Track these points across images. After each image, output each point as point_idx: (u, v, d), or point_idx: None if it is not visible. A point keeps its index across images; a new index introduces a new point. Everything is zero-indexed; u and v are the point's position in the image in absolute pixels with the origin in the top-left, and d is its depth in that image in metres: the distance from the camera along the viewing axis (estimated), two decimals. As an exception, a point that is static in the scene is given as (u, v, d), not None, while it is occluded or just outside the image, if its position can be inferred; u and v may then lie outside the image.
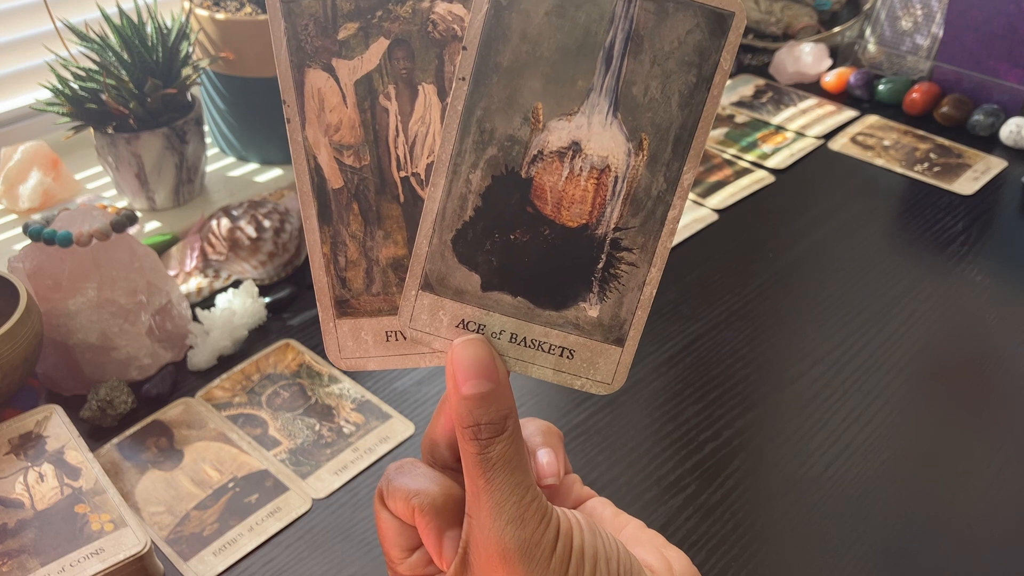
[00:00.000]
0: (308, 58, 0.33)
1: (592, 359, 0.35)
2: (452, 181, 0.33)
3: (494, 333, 0.35)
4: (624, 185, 0.33)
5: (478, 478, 0.33)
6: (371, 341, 0.35)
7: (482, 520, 0.33)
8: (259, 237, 0.78)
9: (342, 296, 0.35)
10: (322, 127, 0.33)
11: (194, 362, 0.71)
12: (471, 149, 0.33)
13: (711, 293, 0.79)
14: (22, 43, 0.92)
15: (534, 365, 0.35)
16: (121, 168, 0.83)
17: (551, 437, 0.40)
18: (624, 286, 0.34)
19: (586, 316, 0.34)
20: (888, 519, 0.60)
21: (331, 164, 0.34)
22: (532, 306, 0.34)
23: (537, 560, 0.33)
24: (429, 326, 0.34)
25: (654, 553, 0.37)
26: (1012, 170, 0.96)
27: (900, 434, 0.66)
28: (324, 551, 0.58)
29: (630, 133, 0.32)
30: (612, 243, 0.34)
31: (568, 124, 0.32)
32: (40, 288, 0.67)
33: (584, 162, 0.33)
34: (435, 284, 0.34)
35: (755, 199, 0.92)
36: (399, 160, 0.34)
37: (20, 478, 0.58)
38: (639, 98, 0.32)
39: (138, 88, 0.79)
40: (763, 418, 0.67)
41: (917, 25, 1.07)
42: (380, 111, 0.33)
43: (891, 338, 0.74)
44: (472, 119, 0.32)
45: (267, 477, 0.63)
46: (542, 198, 0.33)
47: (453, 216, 0.33)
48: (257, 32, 0.85)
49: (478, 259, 0.34)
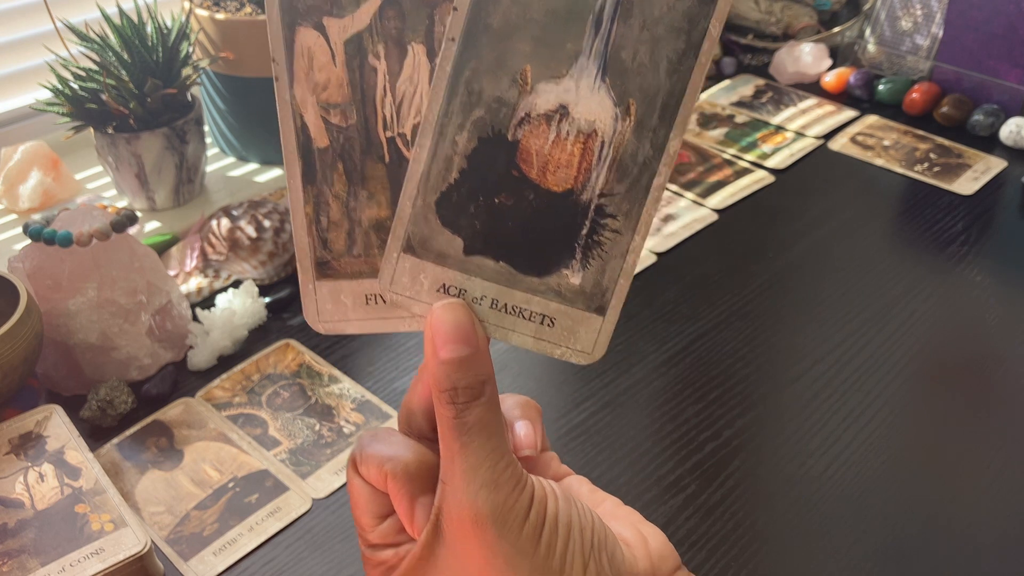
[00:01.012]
0: (299, 16, 0.33)
1: (573, 327, 0.35)
2: (438, 142, 0.32)
3: (475, 298, 0.34)
4: (610, 150, 0.33)
5: (453, 442, 0.33)
6: (350, 304, 0.35)
7: (455, 484, 0.33)
8: (259, 237, 0.78)
9: (323, 257, 0.34)
10: (310, 86, 0.33)
11: (194, 362, 0.71)
12: (458, 110, 0.32)
13: (711, 293, 0.79)
14: (22, 43, 0.92)
15: (514, 332, 0.35)
16: (121, 168, 0.83)
17: (529, 410, 0.39)
18: (607, 253, 0.34)
19: (568, 283, 0.34)
20: (888, 519, 0.60)
21: (317, 123, 0.33)
22: (514, 272, 0.34)
23: (509, 525, 0.32)
24: (410, 290, 0.34)
25: (630, 528, 0.37)
26: (1012, 170, 0.96)
27: (900, 434, 0.66)
28: (324, 551, 0.58)
29: (618, 98, 0.32)
30: (597, 209, 0.33)
31: (556, 87, 0.32)
32: (40, 288, 0.67)
33: (571, 126, 0.32)
34: (417, 247, 0.33)
35: (755, 199, 0.92)
36: (386, 120, 0.33)
37: (20, 478, 0.58)
38: (627, 63, 0.32)
39: (138, 88, 0.79)
40: (763, 418, 0.67)
41: (917, 25, 1.07)
42: (368, 70, 0.33)
43: (891, 338, 0.74)
44: (460, 80, 0.32)
45: (267, 477, 0.63)
46: (528, 161, 0.33)
47: (438, 178, 0.33)
48: (257, 32, 0.85)
49: (461, 222, 0.33)
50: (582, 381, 0.70)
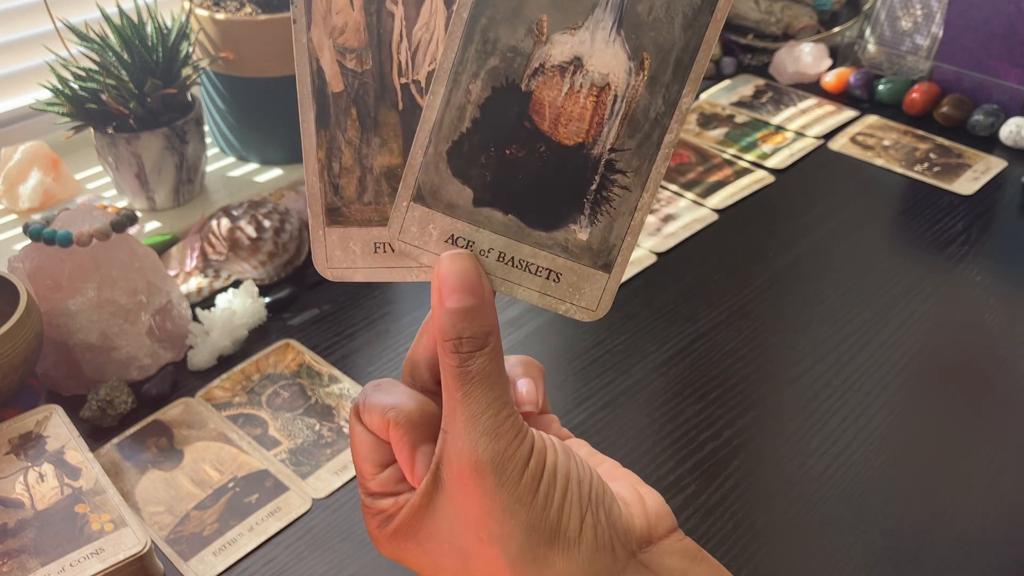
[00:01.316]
0: None
1: (578, 284, 0.35)
2: (452, 90, 0.32)
3: (483, 251, 0.34)
4: (623, 105, 0.33)
5: (456, 391, 0.33)
6: (359, 252, 0.35)
7: (456, 432, 0.33)
8: (259, 237, 0.78)
9: (334, 204, 0.34)
10: (327, 29, 0.33)
11: (194, 362, 0.71)
12: (473, 59, 0.32)
13: (711, 293, 0.79)
14: (22, 43, 0.92)
15: (520, 286, 0.35)
16: (121, 168, 0.83)
17: (532, 369, 0.40)
18: (615, 210, 0.34)
19: (575, 239, 0.34)
20: (888, 519, 0.60)
21: (333, 67, 0.33)
22: (522, 225, 0.34)
23: (508, 474, 0.32)
24: (418, 239, 0.34)
25: (628, 488, 0.37)
26: (1012, 170, 0.96)
27: (900, 434, 0.66)
28: (324, 551, 0.58)
29: (632, 52, 0.32)
30: (607, 164, 0.33)
31: (571, 38, 0.32)
32: (40, 288, 0.67)
33: (585, 78, 0.32)
34: (427, 196, 0.33)
35: (755, 199, 0.92)
36: (401, 66, 0.33)
37: (20, 478, 0.58)
38: (643, 16, 0.32)
39: (138, 88, 0.79)
40: (763, 418, 0.67)
41: (917, 25, 1.07)
42: (386, 15, 0.33)
43: (891, 338, 0.74)
44: (476, 28, 0.32)
45: (267, 477, 0.63)
46: (540, 113, 0.33)
47: (450, 127, 0.33)
48: (257, 32, 0.85)
49: (472, 173, 0.33)
50: (582, 381, 0.70)
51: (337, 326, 0.76)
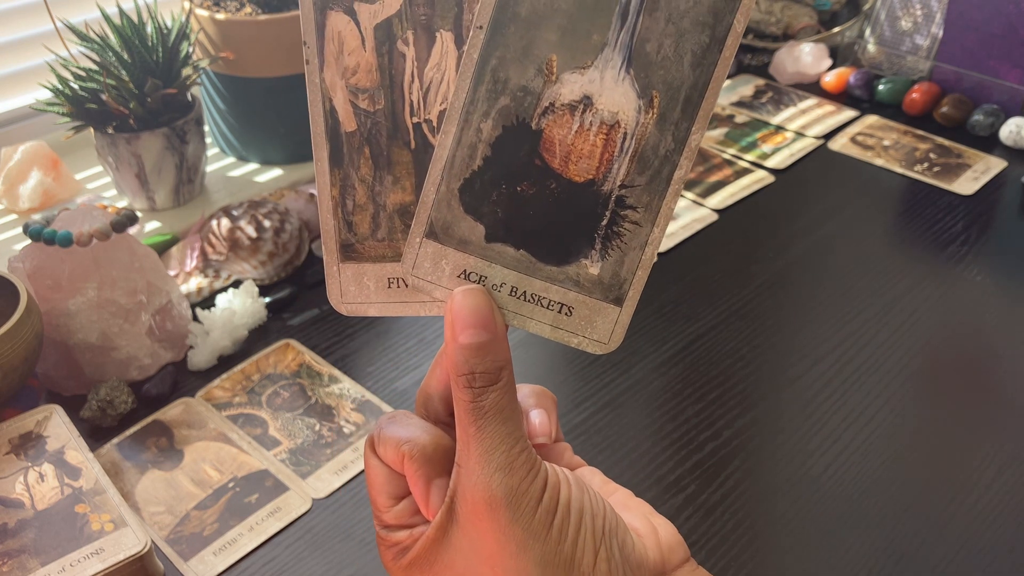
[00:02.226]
0: (331, 1, 0.33)
1: (590, 317, 0.35)
2: (463, 129, 0.33)
3: (495, 285, 0.35)
4: (633, 142, 0.33)
5: (469, 426, 0.33)
6: (373, 287, 0.36)
7: (471, 467, 0.33)
8: (259, 237, 0.78)
9: (347, 240, 0.35)
10: (339, 70, 0.34)
11: (194, 362, 0.71)
12: (484, 98, 0.33)
13: (711, 293, 0.79)
14: (22, 43, 0.92)
15: (532, 320, 0.35)
16: (121, 168, 0.83)
17: (544, 399, 0.40)
18: (626, 244, 0.34)
19: (587, 273, 0.35)
20: (888, 519, 0.60)
21: (346, 107, 0.34)
22: (534, 260, 0.34)
23: (523, 509, 0.33)
24: (431, 274, 0.35)
25: (641, 519, 0.37)
26: (1012, 170, 0.96)
27: (900, 434, 0.66)
28: (324, 551, 0.58)
29: (641, 90, 0.33)
30: (617, 200, 0.34)
31: (581, 78, 0.32)
32: (40, 288, 0.67)
33: (594, 117, 0.33)
34: (440, 232, 0.34)
35: (755, 199, 0.92)
36: (413, 106, 0.34)
37: (20, 478, 0.58)
38: (652, 55, 0.32)
39: (138, 88, 0.79)
40: (763, 418, 0.67)
41: (917, 25, 1.07)
42: (397, 56, 0.34)
43: (891, 338, 0.74)
44: (487, 68, 0.32)
45: (267, 477, 0.63)
46: (551, 151, 0.33)
47: (462, 165, 0.33)
48: (257, 32, 0.85)
49: (483, 209, 0.34)
50: (582, 381, 0.70)
51: (337, 326, 0.76)
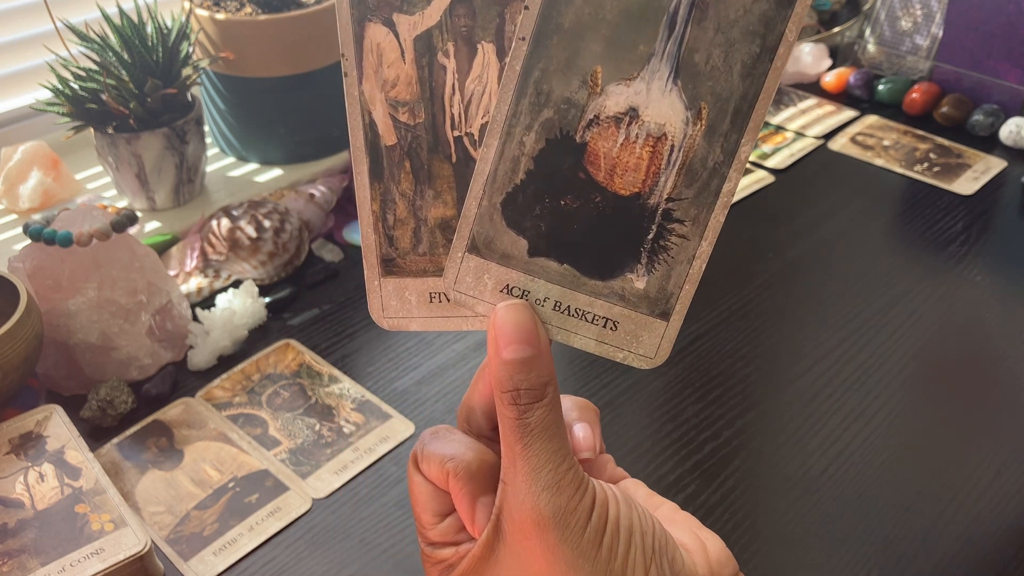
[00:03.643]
0: (369, 12, 0.32)
1: (636, 332, 0.34)
2: (505, 143, 0.32)
3: (538, 300, 0.34)
4: (680, 154, 0.32)
5: (515, 443, 0.33)
6: (415, 301, 0.35)
7: (517, 486, 0.33)
8: (259, 237, 0.78)
9: (388, 255, 0.35)
10: (379, 82, 0.33)
11: (194, 362, 0.71)
12: (526, 111, 0.32)
13: (711, 293, 0.79)
14: (22, 43, 0.92)
15: (577, 335, 0.35)
16: (121, 168, 0.83)
17: (588, 412, 0.39)
18: (673, 259, 0.34)
19: (632, 287, 0.34)
20: (888, 519, 0.60)
21: (386, 120, 0.33)
22: (578, 274, 0.34)
23: (572, 528, 0.32)
24: (473, 289, 0.34)
25: (688, 533, 0.37)
26: (1012, 170, 0.96)
27: (900, 434, 0.66)
28: (324, 551, 0.58)
29: (689, 101, 0.32)
30: (664, 214, 0.33)
31: (626, 89, 0.32)
32: (40, 288, 0.67)
33: (640, 129, 0.32)
34: (482, 247, 0.34)
35: (755, 199, 0.92)
36: (453, 119, 0.33)
37: (20, 478, 0.58)
38: (700, 66, 0.31)
39: (138, 88, 0.79)
40: (763, 418, 0.67)
41: (917, 25, 1.07)
42: (438, 68, 0.33)
43: (891, 338, 0.74)
44: (529, 80, 0.32)
45: (267, 477, 0.63)
46: (595, 164, 0.33)
47: (504, 178, 0.33)
48: (257, 32, 0.85)
49: (526, 224, 0.33)
50: (581, 381, 0.70)
51: (337, 326, 0.76)
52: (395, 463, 0.64)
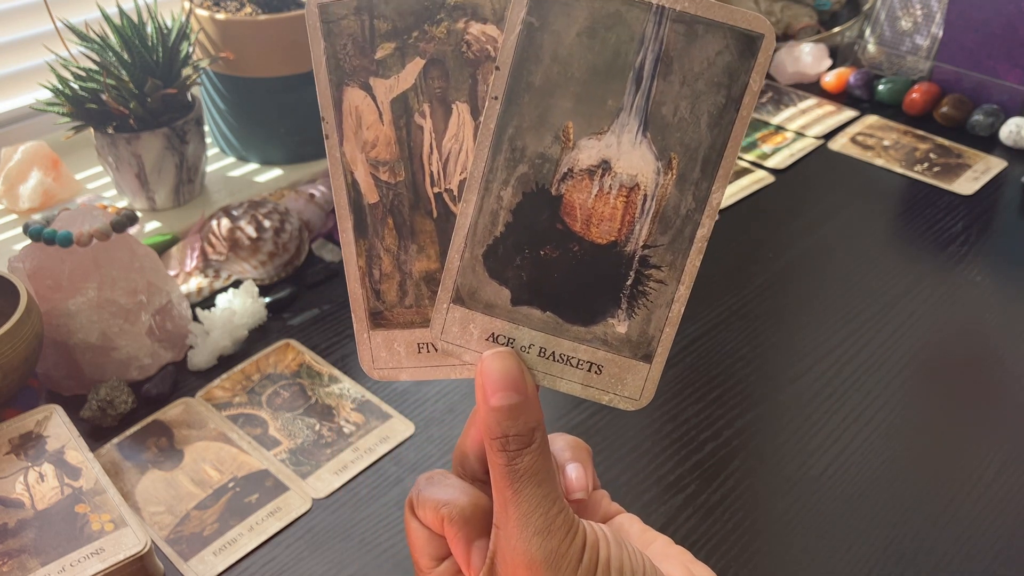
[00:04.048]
0: (346, 76, 0.34)
1: (620, 375, 0.35)
2: (484, 197, 0.33)
3: (523, 347, 0.35)
4: (653, 203, 0.33)
5: (506, 489, 0.33)
6: (403, 352, 0.36)
7: (509, 531, 0.33)
8: (259, 237, 0.78)
9: (376, 308, 0.36)
10: (359, 143, 0.34)
11: (194, 362, 0.71)
12: (503, 166, 0.33)
13: (711, 293, 0.79)
14: (22, 43, 0.92)
15: (562, 379, 0.35)
16: (121, 168, 0.83)
17: (580, 452, 0.40)
18: (652, 303, 0.35)
19: (614, 332, 0.35)
20: (888, 519, 0.60)
21: (367, 179, 0.34)
22: (561, 321, 0.35)
23: (563, 571, 0.33)
24: (460, 339, 0.35)
25: (680, 568, 0.38)
26: (1012, 170, 0.96)
27: (900, 434, 0.66)
28: (324, 551, 0.58)
29: (659, 152, 0.33)
30: (641, 260, 0.34)
31: (598, 143, 0.33)
32: (40, 288, 0.67)
33: (614, 180, 0.33)
34: (466, 298, 0.34)
35: (755, 199, 0.92)
36: (433, 176, 0.34)
37: (20, 478, 0.58)
38: (668, 118, 0.32)
39: (138, 88, 0.79)
40: (763, 418, 0.67)
41: (917, 25, 1.07)
42: (415, 128, 0.34)
43: (891, 338, 0.74)
44: (504, 137, 0.33)
45: (267, 477, 0.63)
46: (572, 215, 0.34)
47: (484, 231, 0.34)
48: (257, 32, 0.85)
49: (508, 274, 0.34)
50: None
51: (337, 326, 0.76)
52: (395, 463, 0.64)
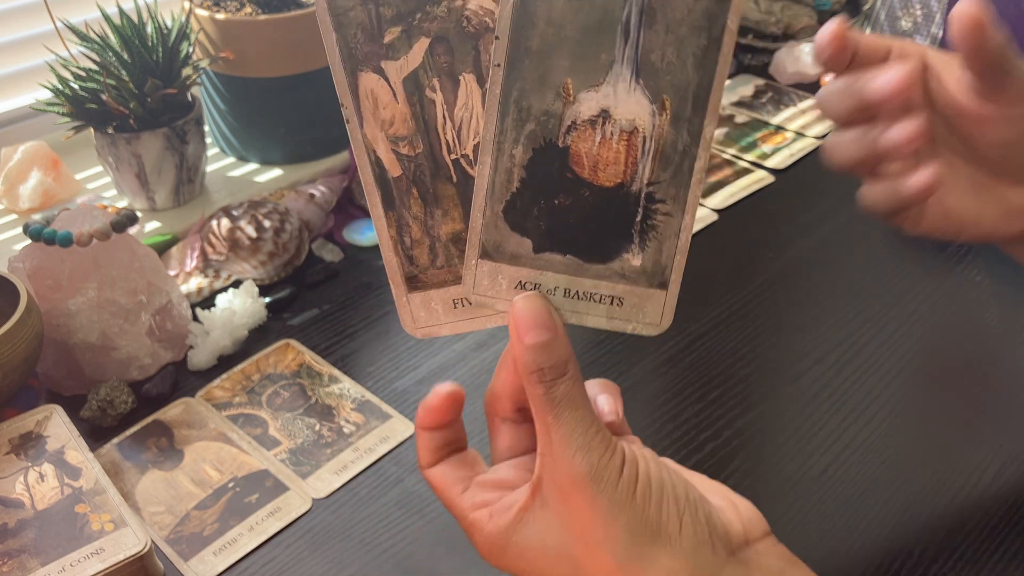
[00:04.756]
0: (359, 63, 0.37)
1: (640, 304, 0.38)
2: (497, 158, 0.37)
3: (549, 290, 0.38)
4: (652, 143, 0.37)
5: (546, 415, 0.36)
6: (441, 310, 0.39)
7: (553, 453, 0.36)
8: (259, 237, 0.78)
9: (411, 272, 0.39)
10: (378, 123, 0.37)
11: (194, 362, 0.71)
12: (511, 127, 0.36)
13: (711, 293, 0.79)
14: (22, 43, 0.92)
15: (588, 315, 0.38)
16: (121, 168, 0.83)
17: (609, 387, 0.44)
18: (662, 235, 0.38)
19: (630, 266, 0.38)
20: (888, 519, 0.60)
21: (389, 155, 0.38)
22: (581, 262, 0.38)
23: (606, 481, 0.36)
24: (490, 290, 0.38)
25: (719, 495, 0.39)
26: (1012, 170, 0.96)
27: (900, 434, 0.66)
28: (324, 551, 0.58)
29: (653, 96, 0.36)
30: (647, 197, 0.37)
31: (596, 94, 0.36)
32: (40, 288, 0.67)
33: (614, 127, 0.36)
34: (492, 252, 0.38)
35: (755, 199, 0.92)
36: (448, 144, 0.37)
37: (20, 478, 0.58)
38: (657, 64, 0.36)
39: (138, 88, 0.79)
40: (763, 418, 0.67)
41: (917, 25, 1.07)
42: (427, 103, 0.37)
43: (891, 338, 0.74)
44: (510, 100, 0.36)
45: (267, 477, 0.63)
46: (579, 164, 0.37)
47: (502, 189, 0.37)
48: (257, 32, 0.85)
49: (528, 225, 0.37)
50: (582, 381, 0.70)
51: (337, 326, 0.76)
52: (395, 463, 0.64)
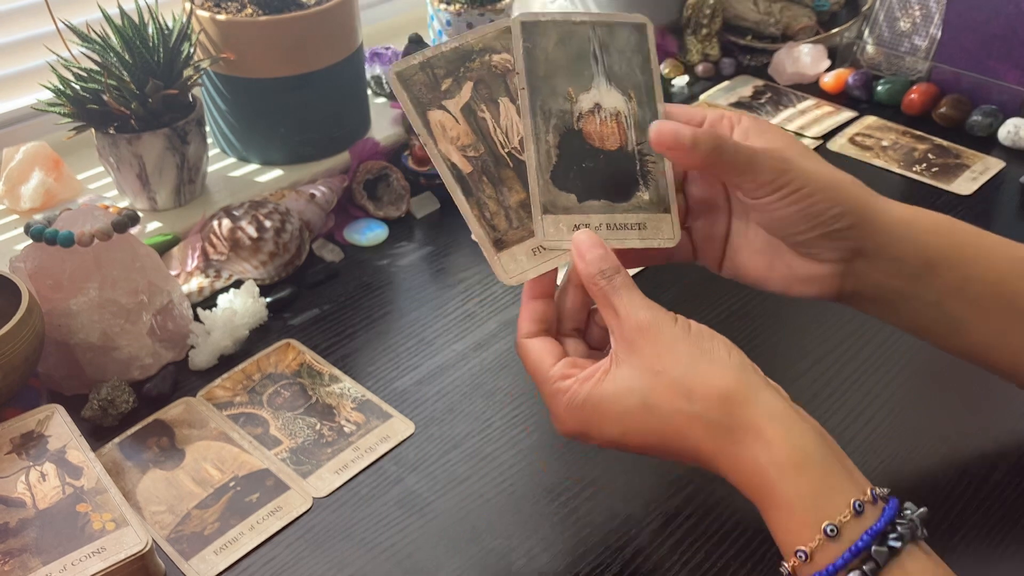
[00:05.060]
0: (427, 106, 0.53)
1: (657, 225, 0.54)
2: (538, 144, 0.53)
3: (596, 227, 0.53)
4: (631, 119, 0.55)
5: (612, 299, 0.49)
6: (524, 258, 0.52)
7: (620, 321, 0.49)
8: (260, 237, 0.78)
9: (496, 236, 0.53)
10: (448, 140, 0.53)
11: (195, 362, 0.71)
12: (542, 123, 0.53)
13: (711, 293, 0.79)
14: (23, 44, 0.92)
15: (626, 240, 0.53)
16: (122, 168, 0.83)
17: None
18: (655, 176, 0.55)
19: (643, 199, 0.54)
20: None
21: (461, 160, 0.53)
22: (611, 203, 0.54)
23: (665, 323, 0.48)
24: (556, 235, 0.52)
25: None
26: (1010, 170, 0.96)
27: (900, 434, 0.66)
28: (325, 550, 0.59)
29: (622, 92, 0.55)
30: (639, 153, 0.55)
31: (588, 95, 0.55)
32: (41, 288, 0.67)
33: (605, 113, 0.55)
34: (550, 207, 0.52)
35: (754, 199, 0.92)
36: (501, 143, 0.54)
37: (22, 477, 0.58)
38: (619, 73, 0.56)
39: (139, 89, 0.79)
40: (762, 417, 0.67)
41: (915, 26, 1.07)
42: (480, 120, 0.54)
43: (891, 338, 0.74)
44: (536, 107, 0.53)
45: (268, 476, 0.63)
46: (591, 138, 0.54)
47: (546, 163, 0.53)
48: (258, 33, 0.85)
49: (569, 184, 0.53)
50: (582, 381, 0.70)
51: (337, 326, 0.76)
52: (395, 462, 0.64)
